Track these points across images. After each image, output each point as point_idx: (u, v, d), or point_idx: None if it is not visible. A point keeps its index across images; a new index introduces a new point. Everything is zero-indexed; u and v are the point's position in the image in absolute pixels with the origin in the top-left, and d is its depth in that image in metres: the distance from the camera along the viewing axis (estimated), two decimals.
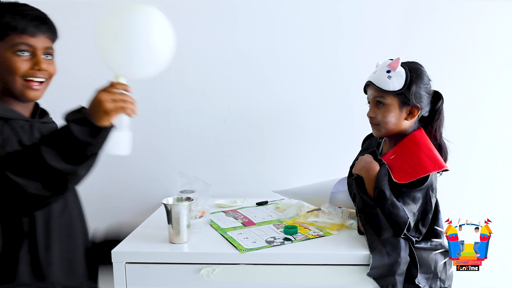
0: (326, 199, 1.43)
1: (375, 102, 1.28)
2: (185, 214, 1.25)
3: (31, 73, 1.05)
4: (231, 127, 1.83)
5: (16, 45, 1.02)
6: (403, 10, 1.74)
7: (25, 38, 1.03)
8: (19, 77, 1.04)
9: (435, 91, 1.29)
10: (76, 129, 0.89)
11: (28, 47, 1.04)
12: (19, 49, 1.03)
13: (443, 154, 1.30)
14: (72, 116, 0.91)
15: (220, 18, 1.77)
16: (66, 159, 0.89)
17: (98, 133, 0.90)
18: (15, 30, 1.02)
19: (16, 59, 1.03)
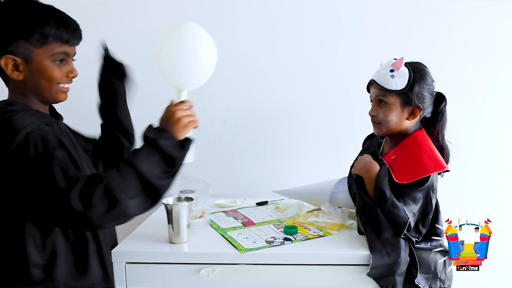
0: (326, 199, 1.43)
1: (377, 101, 1.28)
2: (185, 214, 1.25)
3: (66, 81, 1.07)
4: (231, 127, 1.83)
5: (56, 54, 1.03)
6: (403, 10, 1.74)
7: (65, 47, 1.04)
8: (55, 84, 1.05)
9: (438, 93, 1.29)
10: (165, 145, 1.00)
11: (65, 56, 1.05)
12: (58, 57, 1.04)
13: (445, 156, 1.29)
14: (154, 134, 1.01)
15: (221, 18, 1.78)
16: (161, 176, 0.99)
17: (183, 146, 1.03)
18: (59, 40, 1.02)
19: (54, 68, 1.03)
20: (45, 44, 1.01)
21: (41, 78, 1.03)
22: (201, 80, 1.12)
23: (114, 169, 0.97)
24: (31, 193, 0.93)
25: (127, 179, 0.95)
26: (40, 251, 0.99)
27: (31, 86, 1.04)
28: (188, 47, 1.07)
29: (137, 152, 1.00)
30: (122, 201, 0.93)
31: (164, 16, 1.77)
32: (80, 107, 1.79)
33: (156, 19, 1.77)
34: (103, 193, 0.92)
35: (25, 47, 1.00)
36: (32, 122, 0.97)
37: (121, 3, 1.77)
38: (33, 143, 0.94)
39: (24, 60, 1.01)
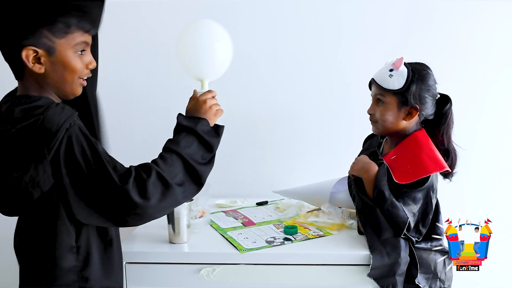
0: (326, 199, 1.43)
1: (376, 100, 1.28)
2: (185, 214, 1.25)
3: (87, 73, 1.03)
4: (231, 127, 1.82)
5: (78, 44, 0.97)
6: (403, 10, 1.74)
7: (86, 37, 0.99)
8: (77, 77, 1.00)
9: (443, 95, 1.28)
10: (204, 131, 1.05)
11: (85, 45, 1.00)
12: (79, 48, 0.98)
13: (450, 160, 1.28)
14: (190, 122, 1.06)
15: (221, 19, 1.77)
16: (201, 161, 1.03)
17: (217, 132, 1.09)
18: (81, 29, 0.97)
19: (77, 59, 0.98)
20: (68, 34, 0.95)
21: (64, 71, 0.97)
22: (220, 69, 1.17)
23: (157, 159, 0.99)
24: (85, 190, 0.92)
25: (174, 166, 0.98)
26: (74, 252, 0.98)
27: (53, 79, 0.97)
28: (205, 40, 1.13)
29: (177, 140, 1.02)
30: (175, 187, 0.96)
31: (162, 16, 1.77)
32: None
33: (155, 19, 1.77)
34: (157, 181, 0.94)
35: (48, 38, 0.93)
36: (68, 116, 0.93)
37: (119, 2, 1.77)
38: (76, 139, 0.91)
39: (46, 51, 0.94)
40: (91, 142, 0.93)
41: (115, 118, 1.81)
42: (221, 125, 1.11)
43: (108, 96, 1.80)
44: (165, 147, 1.03)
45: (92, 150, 0.92)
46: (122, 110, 1.83)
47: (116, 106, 1.82)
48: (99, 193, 0.92)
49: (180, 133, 1.04)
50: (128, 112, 1.83)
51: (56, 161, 0.90)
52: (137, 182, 0.92)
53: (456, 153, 1.29)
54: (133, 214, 0.93)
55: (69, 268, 0.97)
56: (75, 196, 0.92)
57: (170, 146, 1.02)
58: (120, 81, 1.81)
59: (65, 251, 0.96)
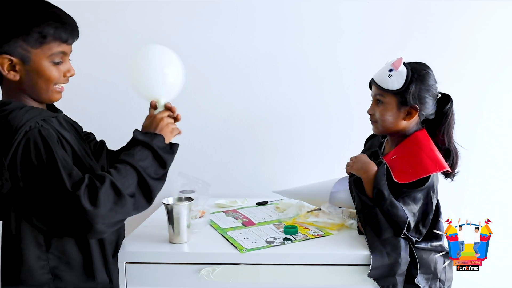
0: (326, 199, 1.43)
1: (376, 100, 1.28)
2: (185, 214, 1.25)
3: (64, 81, 1.05)
4: (231, 127, 1.83)
5: (55, 54, 1.00)
6: (403, 10, 1.74)
7: (63, 47, 1.01)
8: (52, 85, 1.02)
9: (444, 94, 1.28)
10: (159, 147, 1.05)
11: (62, 55, 1.02)
12: (56, 58, 1.00)
13: (452, 160, 1.27)
14: (147, 137, 1.06)
15: (220, 19, 1.77)
16: (154, 176, 1.03)
17: (172, 150, 1.09)
18: (57, 40, 0.99)
19: (52, 68, 1.00)
20: (44, 44, 0.98)
21: (38, 79, 1.00)
22: (173, 90, 1.17)
23: (111, 169, 0.98)
24: (37, 195, 0.93)
25: (127, 177, 0.98)
26: (43, 250, 0.99)
27: (27, 86, 1.01)
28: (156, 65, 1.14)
29: (132, 153, 1.02)
30: (127, 197, 0.95)
31: (160, 16, 1.77)
32: (80, 106, 1.79)
33: (153, 19, 1.77)
34: (110, 189, 0.94)
35: (23, 47, 0.96)
36: (29, 118, 0.95)
37: (118, 2, 1.77)
38: (33, 142, 0.92)
39: (21, 60, 0.97)
40: (49, 146, 0.93)
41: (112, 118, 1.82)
42: (176, 143, 1.12)
43: (104, 96, 1.81)
44: (120, 159, 1.02)
45: (49, 154, 0.92)
46: (119, 109, 1.83)
47: (113, 106, 1.82)
48: (51, 199, 0.92)
49: (136, 146, 1.05)
50: (125, 112, 1.83)
51: (13, 164, 0.92)
52: (89, 189, 0.92)
53: (457, 152, 1.29)
54: (83, 222, 0.92)
55: (39, 266, 0.98)
56: (30, 200, 0.93)
57: (125, 158, 1.02)
58: (119, 81, 1.81)
59: (31, 249, 0.98)
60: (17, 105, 0.97)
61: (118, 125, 1.81)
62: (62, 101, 1.11)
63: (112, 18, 1.78)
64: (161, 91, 1.15)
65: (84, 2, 1.75)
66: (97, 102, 1.81)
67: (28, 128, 0.93)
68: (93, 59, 1.77)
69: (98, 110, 1.81)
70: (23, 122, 0.93)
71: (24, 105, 0.99)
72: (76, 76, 1.09)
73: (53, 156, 0.92)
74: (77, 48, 1.09)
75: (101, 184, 0.93)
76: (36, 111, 0.99)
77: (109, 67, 1.79)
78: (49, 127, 0.98)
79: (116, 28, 1.77)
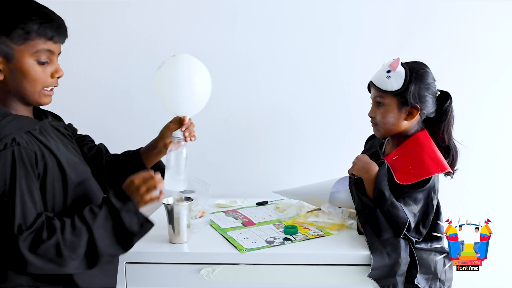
0: (326, 199, 1.43)
1: (376, 102, 1.28)
2: (185, 214, 1.25)
3: (52, 83, 1.00)
4: (231, 127, 1.83)
5: (39, 52, 0.95)
6: (403, 10, 1.74)
7: (49, 44, 0.97)
8: (40, 87, 0.98)
9: (443, 92, 1.28)
10: (127, 220, 0.97)
11: (49, 54, 0.98)
12: (41, 56, 0.96)
13: (451, 157, 1.28)
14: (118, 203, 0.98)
15: (220, 19, 1.77)
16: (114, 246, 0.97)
17: (144, 225, 1.00)
18: (42, 37, 0.95)
19: (37, 69, 0.96)
20: (28, 40, 0.93)
21: (23, 79, 0.95)
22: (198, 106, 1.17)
23: (69, 223, 0.93)
24: None
25: (78, 241, 0.93)
26: None
27: (12, 87, 0.96)
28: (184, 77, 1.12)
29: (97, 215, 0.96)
30: (66, 260, 0.91)
31: (161, 16, 1.77)
32: (78, 107, 1.80)
33: (153, 19, 1.77)
34: (52, 248, 0.90)
35: (6, 44, 0.92)
36: (8, 133, 0.90)
37: (118, 2, 1.77)
38: (1, 167, 0.88)
39: (4, 58, 0.93)
40: (15, 175, 0.89)
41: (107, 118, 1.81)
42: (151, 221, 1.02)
43: (104, 96, 1.81)
44: (83, 215, 0.96)
45: (11, 184, 0.89)
46: (118, 110, 1.82)
47: (113, 106, 1.82)
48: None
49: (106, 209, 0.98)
50: (125, 113, 1.83)
51: None
52: (35, 237, 0.89)
53: (457, 150, 1.29)
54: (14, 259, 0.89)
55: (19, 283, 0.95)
56: None
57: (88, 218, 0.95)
58: (119, 82, 1.81)
59: None
60: (0, 112, 0.94)
61: (118, 126, 1.81)
62: (60, 102, 1.10)
63: (111, 19, 1.78)
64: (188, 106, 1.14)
65: (85, 2, 1.75)
66: (96, 103, 1.81)
67: (2, 147, 0.89)
68: (93, 59, 1.77)
69: (97, 112, 1.81)
70: (1, 136, 0.89)
71: (8, 113, 0.94)
72: (75, 76, 1.07)
73: (14, 188, 0.89)
74: (77, 48, 1.08)
75: (48, 239, 0.90)
76: (19, 122, 0.94)
77: (109, 67, 1.79)
78: (29, 143, 0.93)
79: (116, 28, 1.77)
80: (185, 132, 1.15)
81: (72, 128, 1.24)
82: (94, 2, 1.76)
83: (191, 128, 1.18)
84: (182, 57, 1.14)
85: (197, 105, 1.16)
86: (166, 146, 1.21)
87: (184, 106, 1.15)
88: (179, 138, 1.15)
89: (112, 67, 1.78)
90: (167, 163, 1.14)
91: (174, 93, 1.12)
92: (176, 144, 1.15)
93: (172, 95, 1.13)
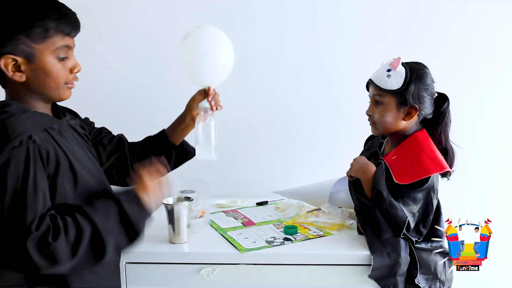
0: (326, 199, 1.43)
1: (374, 101, 1.28)
2: (185, 214, 1.25)
3: (73, 78, 1.00)
4: (231, 127, 1.83)
5: (59, 48, 0.94)
6: (402, 10, 1.74)
7: (67, 40, 0.96)
8: (62, 83, 0.97)
9: (441, 93, 1.28)
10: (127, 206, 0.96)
11: (67, 50, 0.97)
12: (60, 53, 0.95)
13: (448, 159, 1.28)
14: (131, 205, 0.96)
15: (219, 19, 1.77)
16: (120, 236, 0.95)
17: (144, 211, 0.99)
18: (60, 33, 0.94)
19: (59, 66, 0.96)
20: (47, 38, 0.92)
21: (46, 78, 0.95)
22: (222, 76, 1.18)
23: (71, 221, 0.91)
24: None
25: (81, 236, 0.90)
26: None
27: (35, 87, 0.96)
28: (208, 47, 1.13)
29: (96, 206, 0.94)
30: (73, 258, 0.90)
31: (160, 15, 1.77)
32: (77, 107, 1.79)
33: (153, 18, 1.77)
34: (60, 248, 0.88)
35: (26, 44, 0.91)
36: (25, 129, 0.89)
37: (118, 2, 1.77)
38: (15, 165, 0.87)
39: (25, 59, 0.92)
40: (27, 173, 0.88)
41: None
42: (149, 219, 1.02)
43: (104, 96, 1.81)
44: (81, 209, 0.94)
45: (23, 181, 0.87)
46: (119, 111, 1.82)
47: (113, 106, 1.82)
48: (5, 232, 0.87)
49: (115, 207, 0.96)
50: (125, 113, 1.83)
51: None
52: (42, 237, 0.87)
53: (454, 151, 1.30)
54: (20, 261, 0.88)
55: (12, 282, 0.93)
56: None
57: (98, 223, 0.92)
58: (119, 81, 1.81)
59: None
60: (19, 108, 0.93)
61: (118, 126, 1.80)
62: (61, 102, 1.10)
63: (112, 18, 1.78)
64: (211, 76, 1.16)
65: (85, 2, 1.75)
66: (96, 103, 1.81)
67: (17, 144, 0.88)
68: (94, 59, 1.77)
69: (97, 111, 1.80)
70: (18, 132, 0.88)
71: (27, 109, 0.94)
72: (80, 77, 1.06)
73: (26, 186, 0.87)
74: (77, 47, 1.08)
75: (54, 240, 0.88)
76: (38, 119, 0.94)
77: (109, 67, 1.79)
78: (44, 141, 0.92)
79: (116, 28, 1.77)
80: (211, 101, 1.17)
81: (88, 123, 1.23)
82: (94, 2, 1.76)
83: (217, 97, 1.20)
84: (206, 28, 1.15)
85: (221, 76, 1.18)
86: (194, 118, 1.23)
87: (209, 77, 1.16)
88: (206, 108, 1.16)
89: (112, 67, 1.78)
90: (196, 135, 1.17)
91: (198, 63, 1.14)
92: (204, 115, 1.17)
93: (196, 66, 1.15)
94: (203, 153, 1.16)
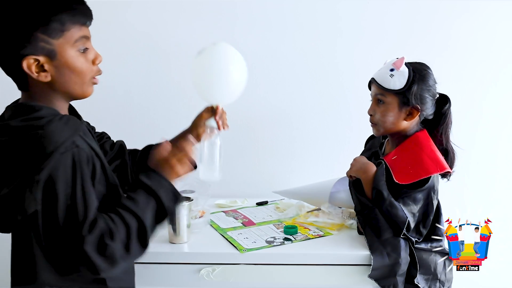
0: (326, 199, 1.43)
1: (376, 100, 1.28)
2: (185, 214, 1.25)
3: (97, 71, 0.95)
4: (231, 127, 1.82)
5: (78, 40, 0.89)
6: (403, 10, 1.74)
7: (83, 30, 0.91)
8: (89, 77, 0.94)
9: (442, 95, 1.28)
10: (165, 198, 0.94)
11: (85, 40, 0.92)
12: (80, 44, 0.90)
13: (449, 160, 1.28)
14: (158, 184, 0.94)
15: (219, 19, 1.77)
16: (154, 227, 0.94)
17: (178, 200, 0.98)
18: (76, 24, 0.89)
19: (82, 59, 0.91)
20: (64, 32, 0.88)
21: (71, 74, 0.91)
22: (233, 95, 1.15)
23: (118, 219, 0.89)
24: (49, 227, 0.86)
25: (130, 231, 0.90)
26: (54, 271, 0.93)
27: (60, 85, 0.91)
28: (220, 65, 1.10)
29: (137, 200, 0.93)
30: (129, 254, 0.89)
31: (161, 15, 1.77)
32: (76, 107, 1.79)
33: (153, 18, 1.77)
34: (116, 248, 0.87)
35: (44, 41, 0.86)
36: (67, 136, 0.86)
37: (118, 2, 1.77)
38: (63, 171, 0.85)
39: (47, 57, 0.87)
40: (75, 178, 0.86)
41: None
42: None
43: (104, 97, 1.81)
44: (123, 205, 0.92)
45: (73, 186, 0.86)
46: (119, 111, 1.82)
47: (113, 107, 1.82)
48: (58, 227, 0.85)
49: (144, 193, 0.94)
50: (126, 114, 1.83)
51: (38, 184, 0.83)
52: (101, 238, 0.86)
53: (454, 152, 1.30)
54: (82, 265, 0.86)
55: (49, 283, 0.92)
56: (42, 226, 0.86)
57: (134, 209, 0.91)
58: (120, 82, 1.81)
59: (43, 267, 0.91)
60: (49, 112, 0.89)
61: (118, 125, 1.81)
62: None
63: (112, 18, 1.78)
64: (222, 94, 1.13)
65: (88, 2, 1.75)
66: (96, 102, 1.80)
67: (64, 150, 0.85)
68: None
69: (97, 111, 1.80)
70: (63, 139, 0.85)
71: (57, 113, 0.91)
72: None
73: (75, 191, 0.86)
74: None
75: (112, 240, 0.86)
76: (74, 123, 0.91)
77: (109, 67, 1.78)
78: (83, 145, 0.90)
79: (116, 28, 1.77)
80: (219, 121, 1.14)
81: (90, 126, 1.21)
82: (94, 2, 1.76)
83: (224, 116, 1.17)
84: (220, 46, 1.12)
85: (231, 96, 1.15)
86: (199, 136, 1.18)
87: (219, 95, 1.14)
88: (212, 127, 1.14)
89: (112, 67, 1.77)
90: (201, 154, 1.13)
91: (210, 80, 1.11)
92: (209, 133, 1.14)
93: (208, 83, 1.12)
94: (206, 173, 1.12)
